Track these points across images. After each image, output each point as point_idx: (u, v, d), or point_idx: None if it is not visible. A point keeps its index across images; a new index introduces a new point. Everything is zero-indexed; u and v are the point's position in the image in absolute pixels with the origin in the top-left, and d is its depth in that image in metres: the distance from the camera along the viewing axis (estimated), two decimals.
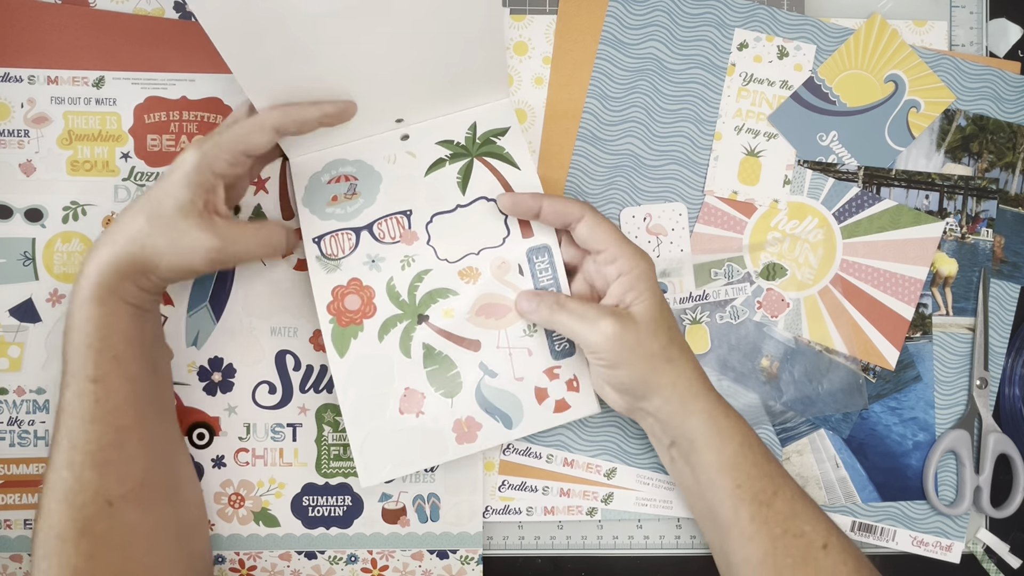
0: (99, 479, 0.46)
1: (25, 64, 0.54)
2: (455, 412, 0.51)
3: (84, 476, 0.45)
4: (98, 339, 0.46)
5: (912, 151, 0.57)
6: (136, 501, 0.47)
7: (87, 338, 0.46)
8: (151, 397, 0.49)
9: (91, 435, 0.46)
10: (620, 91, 0.57)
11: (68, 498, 0.45)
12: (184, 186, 0.46)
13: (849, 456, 0.56)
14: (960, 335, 0.57)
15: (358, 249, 0.53)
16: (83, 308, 0.46)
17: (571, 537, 0.57)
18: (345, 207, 0.53)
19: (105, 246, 0.46)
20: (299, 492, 0.55)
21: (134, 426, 0.47)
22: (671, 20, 0.57)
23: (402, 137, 0.54)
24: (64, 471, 0.45)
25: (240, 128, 0.48)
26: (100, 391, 0.46)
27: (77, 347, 0.46)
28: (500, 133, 0.54)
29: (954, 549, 0.57)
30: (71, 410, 0.46)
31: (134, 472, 0.47)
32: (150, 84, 0.55)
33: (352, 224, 0.53)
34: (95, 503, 0.45)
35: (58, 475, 0.45)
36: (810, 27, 0.57)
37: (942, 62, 0.57)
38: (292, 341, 0.55)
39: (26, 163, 0.54)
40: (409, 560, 0.55)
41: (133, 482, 0.47)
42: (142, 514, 0.47)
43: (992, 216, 0.57)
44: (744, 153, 0.57)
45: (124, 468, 0.47)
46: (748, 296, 0.56)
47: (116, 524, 0.46)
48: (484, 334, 0.52)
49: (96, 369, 0.46)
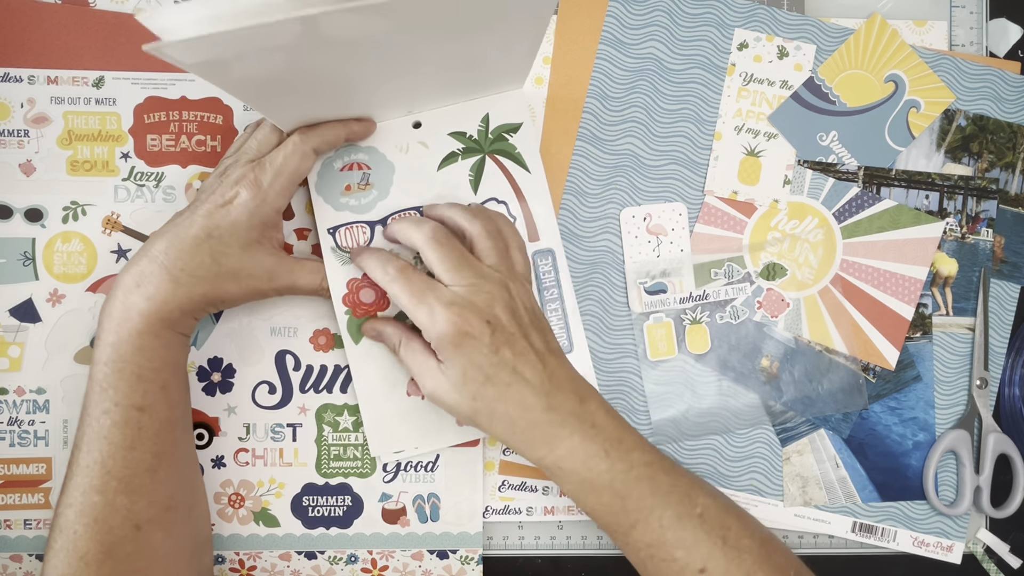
0: (130, 504, 0.46)
1: (25, 64, 0.54)
2: None
3: (116, 501, 0.45)
4: (150, 370, 0.47)
5: (912, 151, 0.57)
6: (161, 524, 0.47)
7: (138, 369, 0.46)
8: (183, 420, 0.50)
9: (129, 462, 0.46)
10: (620, 91, 0.57)
11: (98, 523, 0.45)
12: (249, 229, 0.48)
13: (849, 456, 0.56)
14: (960, 335, 0.57)
15: (373, 243, 0.53)
16: (134, 340, 0.46)
17: (571, 537, 0.57)
18: (359, 198, 0.53)
19: (163, 282, 0.46)
20: (299, 492, 0.55)
21: (170, 451, 0.48)
22: (671, 20, 0.57)
23: (414, 125, 0.54)
24: (95, 496, 0.45)
25: (287, 158, 0.48)
26: (145, 419, 0.47)
27: (126, 377, 0.46)
28: (513, 129, 0.54)
29: (955, 550, 0.56)
30: (111, 437, 0.46)
31: (163, 496, 0.48)
32: (150, 84, 0.55)
33: (367, 217, 0.53)
34: (123, 528, 0.46)
35: (88, 499, 0.45)
36: (810, 27, 0.57)
37: (942, 62, 0.57)
38: (292, 341, 0.55)
39: (26, 163, 0.54)
40: (409, 560, 0.55)
41: (160, 506, 0.47)
42: (165, 536, 0.48)
43: (992, 216, 0.57)
44: (744, 153, 0.57)
45: (155, 493, 0.47)
46: (748, 296, 0.56)
47: (141, 547, 0.46)
48: None
49: (144, 399, 0.46)
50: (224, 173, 0.49)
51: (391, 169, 0.53)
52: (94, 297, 0.54)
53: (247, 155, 0.49)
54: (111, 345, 0.46)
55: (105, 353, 0.46)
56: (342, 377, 0.55)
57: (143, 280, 0.46)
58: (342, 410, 0.55)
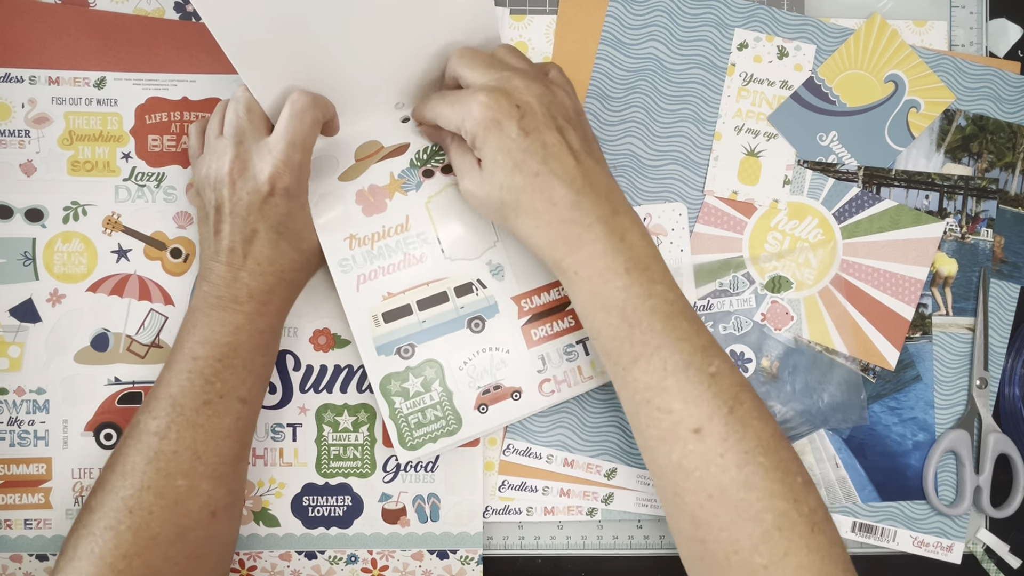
0: (212, 490, 0.47)
1: (26, 64, 0.54)
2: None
3: (200, 487, 0.46)
4: (261, 364, 0.49)
5: (912, 151, 0.57)
6: (231, 514, 0.49)
7: (250, 363, 0.48)
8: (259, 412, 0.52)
9: (222, 450, 0.47)
10: (620, 91, 0.57)
11: (178, 505, 0.46)
12: (300, 209, 0.49)
13: (849, 456, 0.56)
14: (960, 335, 0.57)
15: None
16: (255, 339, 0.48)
17: (571, 537, 0.57)
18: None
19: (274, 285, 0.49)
20: (299, 492, 0.55)
21: (251, 443, 0.51)
22: (671, 20, 0.57)
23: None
24: (181, 480, 0.46)
25: (296, 131, 0.47)
26: (244, 411, 0.48)
27: (235, 369, 0.47)
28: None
29: (955, 549, 0.56)
30: (209, 426, 0.47)
31: (239, 486, 0.49)
32: (151, 85, 0.55)
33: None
34: (201, 512, 0.47)
35: (172, 482, 0.46)
36: (810, 27, 0.57)
37: (942, 62, 0.57)
38: (292, 341, 0.55)
39: (27, 163, 0.54)
40: (409, 560, 0.55)
41: (236, 495, 0.49)
42: (231, 526, 0.49)
43: (992, 216, 0.57)
44: (744, 153, 0.57)
45: (235, 482, 0.49)
46: (752, 307, 0.56)
47: (212, 533, 0.47)
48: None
49: (250, 392, 0.48)
50: (234, 158, 0.47)
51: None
52: (94, 297, 0.54)
53: (238, 132, 0.48)
54: (221, 333, 0.47)
55: (218, 350, 0.47)
56: (342, 377, 0.55)
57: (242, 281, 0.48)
58: (342, 410, 0.55)
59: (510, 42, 0.56)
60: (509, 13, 0.57)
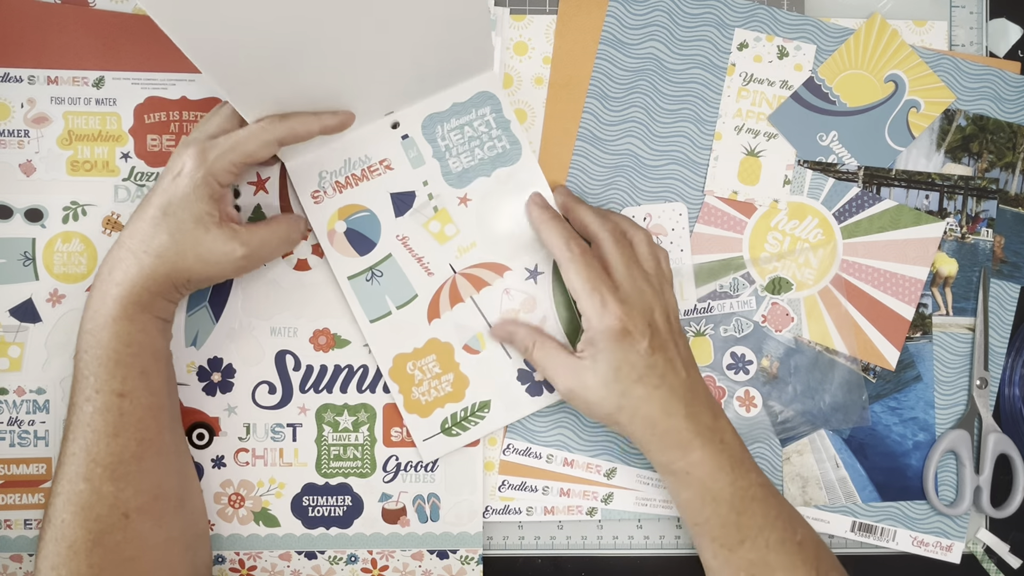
0: (117, 492, 0.46)
1: (25, 64, 0.54)
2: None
3: (103, 489, 0.45)
4: (128, 355, 0.46)
5: (912, 151, 0.57)
6: (150, 513, 0.47)
7: (115, 355, 0.46)
8: (169, 408, 0.50)
9: (113, 448, 0.46)
10: (620, 91, 0.57)
11: (84, 510, 0.45)
12: (196, 200, 0.46)
13: (849, 456, 0.56)
14: (960, 335, 0.57)
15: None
16: (110, 327, 0.46)
17: (571, 537, 0.57)
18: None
19: (130, 265, 0.46)
20: (299, 492, 0.55)
21: (154, 438, 0.48)
22: (671, 20, 0.57)
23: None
24: (81, 483, 0.45)
25: (242, 139, 0.47)
26: (126, 405, 0.46)
27: (104, 363, 0.46)
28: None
29: (954, 549, 0.56)
30: (94, 424, 0.46)
31: (150, 484, 0.47)
32: (150, 84, 0.55)
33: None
34: (111, 516, 0.46)
35: (74, 487, 0.45)
36: (810, 27, 0.57)
37: (942, 62, 0.57)
38: (292, 341, 0.55)
39: (26, 163, 0.54)
40: (409, 560, 0.55)
41: (149, 495, 0.47)
42: (154, 526, 0.47)
43: (992, 216, 0.57)
44: (744, 153, 0.57)
45: (142, 481, 0.47)
46: (752, 309, 0.56)
47: (130, 536, 0.46)
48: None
49: (124, 384, 0.46)
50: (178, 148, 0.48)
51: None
52: None
53: (206, 132, 0.48)
54: (89, 332, 0.46)
55: (84, 341, 0.46)
56: (342, 377, 0.55)
57: (115, 266, 0.47)
58: (342, 410, 0.55)
59: (509, 43, 0.56)
60: (509, 13, 0.57)
